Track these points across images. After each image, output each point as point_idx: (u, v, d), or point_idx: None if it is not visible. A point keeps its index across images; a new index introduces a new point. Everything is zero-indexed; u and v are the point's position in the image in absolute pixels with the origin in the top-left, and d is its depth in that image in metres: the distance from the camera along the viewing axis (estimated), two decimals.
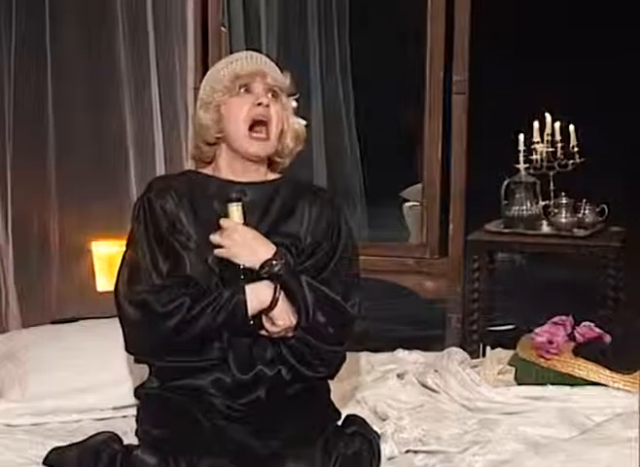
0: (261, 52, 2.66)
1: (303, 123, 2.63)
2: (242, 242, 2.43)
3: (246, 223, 2.47)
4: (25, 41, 3.98)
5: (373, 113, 4.73)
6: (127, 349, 2.52)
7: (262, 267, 2.42)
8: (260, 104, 2.49)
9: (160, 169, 4.01)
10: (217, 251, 2.44)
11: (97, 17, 4.04)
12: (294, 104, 2.60)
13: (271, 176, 2.61)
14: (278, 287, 2.42)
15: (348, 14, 4.72)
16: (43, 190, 4.05)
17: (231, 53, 4.14)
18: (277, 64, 2.60)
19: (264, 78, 2.52)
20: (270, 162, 2.61)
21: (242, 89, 2.51)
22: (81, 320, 3.33)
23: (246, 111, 2.50)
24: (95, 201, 4.05)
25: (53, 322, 3.47)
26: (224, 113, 2.51)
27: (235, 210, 2.46)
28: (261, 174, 2.58)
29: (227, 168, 2.56)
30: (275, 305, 2.41)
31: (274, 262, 2.42)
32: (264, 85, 2.52)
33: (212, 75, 2.57)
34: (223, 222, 2.46)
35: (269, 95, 2.52)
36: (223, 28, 4.21)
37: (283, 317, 2.42)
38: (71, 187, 4.07)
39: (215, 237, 2.45)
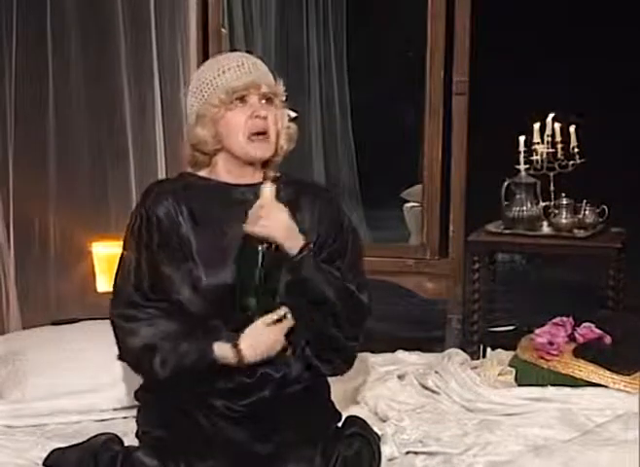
0: (255, 52, 2.61)
1: (294, 115, 2.57)
2: (285, 224, 2.37)
3: None
4: (26, 41, 3.97)
5: (372, 113, 4.73)
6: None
7: (301, 250, 2.36)
8: (257, 116, 2.45)
9: (161, 170, 4.00)
10: (254, 229, 2.36)
11: (98, 17, 4.04)
12: (283, 97, 2.53)
13: None
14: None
15: (348, 14, 4.72)
16: (44, 190, 4.04)
17: None
18: (263, 60, 2.55)
19: (258, 89, 2.46)
20: (265, 163, 2.54)
21: (237, 101, 2.45)
22: (81, 321, 3.33)
23: (243, 123, 2.44)
24: (96, 202, 4.05)
25: (54, 323, 3.47)
26: (222, 128, 2.45)
27: (269, 192, 2.39)
28: (257, 176, 2.51)
29: (224, 172, 2.51)
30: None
31: (310, 246, 2.38)
32: (258, 95, 2.47)
33: (202, 85, 2.48)
34: (262, 200, 2.38)
35: (264, 101, 2.47)
36: (223, 29, 4.21)
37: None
38: (72, 187, 4.06)
39: (252, 211, 2.37)
